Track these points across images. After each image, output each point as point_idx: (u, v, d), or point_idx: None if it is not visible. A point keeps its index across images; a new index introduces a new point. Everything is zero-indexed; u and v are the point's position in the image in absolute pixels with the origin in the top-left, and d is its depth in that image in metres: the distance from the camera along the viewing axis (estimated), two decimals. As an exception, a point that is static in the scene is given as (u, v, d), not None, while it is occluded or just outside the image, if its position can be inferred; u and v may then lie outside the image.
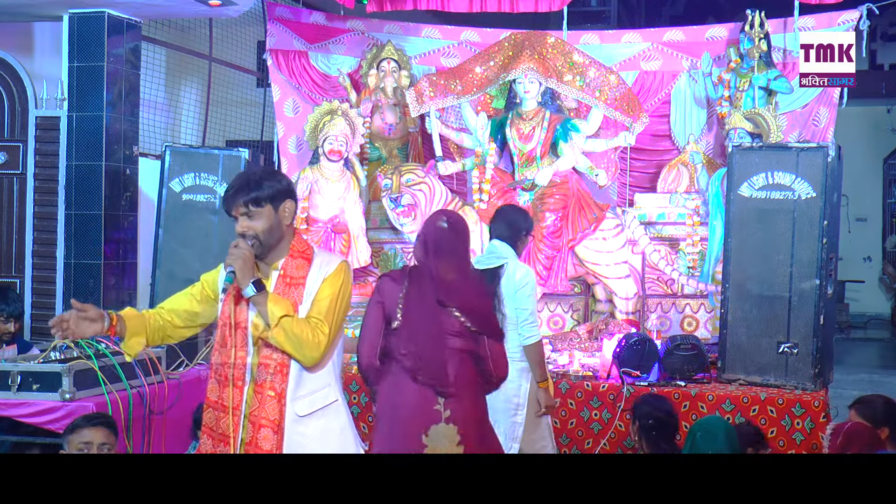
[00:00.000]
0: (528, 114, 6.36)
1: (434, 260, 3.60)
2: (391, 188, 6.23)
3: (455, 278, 3.61)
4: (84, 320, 2.89)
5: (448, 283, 3.59)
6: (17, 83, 6.50)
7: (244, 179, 2.95)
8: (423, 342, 3.53)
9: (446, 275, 3.59)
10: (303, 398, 2.95)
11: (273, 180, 2.96)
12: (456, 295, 3.58)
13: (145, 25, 6.71)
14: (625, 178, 7.06)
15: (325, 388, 3.00)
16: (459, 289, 3.61)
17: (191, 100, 7.85)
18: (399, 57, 7.00)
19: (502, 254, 4.40)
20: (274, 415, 2.93)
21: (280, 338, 2.87)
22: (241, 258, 2.87)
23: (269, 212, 2.93)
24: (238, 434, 2.96)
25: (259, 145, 8.27)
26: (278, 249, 2.99)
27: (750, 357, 5.27)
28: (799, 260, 5.18)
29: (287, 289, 2.95)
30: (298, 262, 2.98)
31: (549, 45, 6.40)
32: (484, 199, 6.32)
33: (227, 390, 2.97)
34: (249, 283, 2.85)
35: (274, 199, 2.93)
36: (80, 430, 3.58)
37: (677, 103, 7.03)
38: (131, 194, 6.47)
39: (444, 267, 3.60)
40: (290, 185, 3.02)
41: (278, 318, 2.85)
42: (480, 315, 3.62)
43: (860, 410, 3.98)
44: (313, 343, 2.88)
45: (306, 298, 2.95)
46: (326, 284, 2.96)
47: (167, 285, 5.98)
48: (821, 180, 5.18)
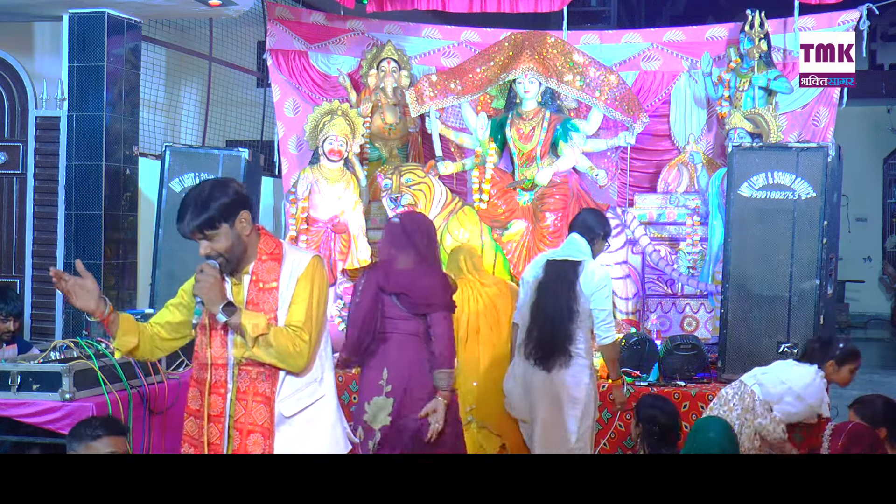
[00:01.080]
0: (528, 114, 6.36)
1: (386, 251, 4.11)
2: (391, 188, 6.23)
3: (404, 268, 3.99)
4: (80, 288, 2.84)
5: (394, 272, 3.98)
6: (17, 83, 6.49)
7: (191, 203, 2.81)
8: (360, 324, 3.98)
9: (397, 265, 4.01)
10: (289, 398, 2.92)
11: (220, 196, 2.82)
12: (395, 282, 3.96)
13: (145, 25, 6.71)
14: (625, 178, 7.06)
15: (312, 385, 2.96)
16: (403, 277, 3.97)
17: (191, 100, 7.85)
18: (399, 57, 7.00)
19: (581, 249, 4.44)
20: (262, 419, 2.89)
21: (261, 354, 2.83)
22: (207, 286, 2.83)
23: (225, 230, 2.83)
24: (224, 441, 2.93)
25: (259, 145, 8.27)
26: (246, 256, 2.92)
27: (750, 357, 5.26)
28: (799, 260, 5.19)
29: (260, 294, 2.90)
30: (268, 265, 2.91)
31: (549, 45, 6.40)
32: (484, 199, 6.32)
33: (208, 398, 2.94)
34: (219, 308, 2.81)
35: (226, 216, 2.81)
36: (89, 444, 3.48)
37: (677, 103, 7.04)
38: (131, 194, 6.47)
39: (400, 258, 4.03)
40: (238, 195, 2.86)
41: (255, 337, 2.80)
42: (418, 300, 3.94)
43: (859, 410, 3.98)
44: (295, 353, 2.85)
45: (282, 304, 2.89)
46: (300, 286, 2.89)
47: (167, 285, 5.98)
48: (821, 180, 5.18)
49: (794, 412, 4.33)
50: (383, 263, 4.11)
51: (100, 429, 3.39)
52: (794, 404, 4.31)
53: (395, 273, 4.00)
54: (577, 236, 4.50)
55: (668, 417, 4.11)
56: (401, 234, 4.08)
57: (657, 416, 4.06)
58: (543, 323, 4.34)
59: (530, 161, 6.36)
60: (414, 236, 4.07)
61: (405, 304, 3.96)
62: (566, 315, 4.30)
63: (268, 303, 2.88)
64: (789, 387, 4.31)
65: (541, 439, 4.34)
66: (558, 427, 4.28)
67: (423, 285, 3.98)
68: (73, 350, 4.33)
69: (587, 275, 4.36)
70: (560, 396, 4.29)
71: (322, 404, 2.99)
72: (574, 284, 4.33)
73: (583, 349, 4.36)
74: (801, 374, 4.37)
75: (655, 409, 4.11)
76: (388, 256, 4.09)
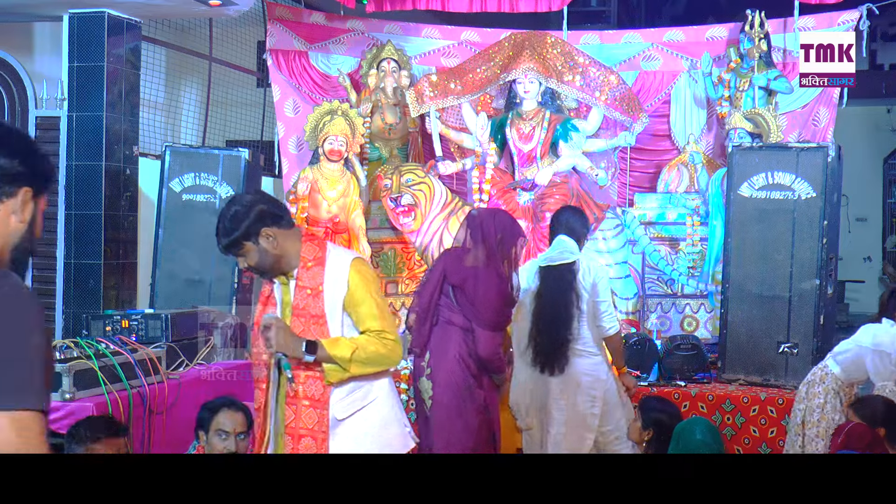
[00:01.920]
0: (528, 114, 6.35)
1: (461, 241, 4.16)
2: (391, 188, 6.23)
3: (471, 264, 4.05)
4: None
5: (461, 264, 4.07)
6: (17, 83, 6.49)
7: (220, 226, 2.96)
8: (424, 309, 4.10)
9: (466, 257, 4.08)
10: (342, 400, 2.96)
11: (242, 219, 2.92)
12: (457, 275, 4.04)
13: (145, 25, 6.71)
14: (625, 178, 7.06)
15: (365, 387, 3.01)
16: (466, 272, 4.03)
17: (191, 100, 7.85)
18: (399, 57, 6.99)
19: (571, 249, 4.43)
20: (313, 422, 2.95)
21: (360, 372, 2.94)
22: (281, 340, 2.90)
23: (250, 247, 2.95)
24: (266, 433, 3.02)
25: (259, 145, 8.27)
26: (287, 262, 3.00)
27: (750, 357, 5.27)
28: (799, 260, 5.19)
29: (306, 298, 2.97)
30: (313, 270, 2.99)
31: (549, 45, 6.40)
32: (484, 199, 6.32)
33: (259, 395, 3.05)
34: (302, 351, 2.90)
35: (249, 236, 2.93)
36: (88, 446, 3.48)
37: (677, 103, 7.03)
38: (131, 194, 6.46)
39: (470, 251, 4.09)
40: (260, 215, 2.94)
41: (348, 358, 2.90)
42: (467, 298, 4.01)
43: (859, 410, 3.97)
44: (389, 353, 2.96)
45: (330, 308, 2.96)
46: (356, 293, 2.96)
47: (167, 285, 5.99)
48: (821, 180, 5.18)
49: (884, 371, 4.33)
50: (455, 251, 4.20)
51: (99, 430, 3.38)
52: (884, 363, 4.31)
53: (462, 266, 4.07)
54: (564, 238, 4.47)
55: (675, 418, 4.11)
56: (476, 229, 4.12)
57: (664, 420, 4.05)
58: (545, 330, 4.32)
59: (530, 161, 6.36)
60: (488, 233, 4.09)
61: (456, 297, 4.05)
62: (567, 319, 4.29)
63: (316, 306, 2.96)
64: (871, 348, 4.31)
65: (558, 443, 4.30)
66: (577, 428, 4.27)
67: (478, 285, 4.02)
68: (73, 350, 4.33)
69: (584, 271, 4.35)
70: (575, 399, 4.27)
71: (376, 406, 3.03)
72: (572, 286, 4.31)
73: (594, 346, 4.37)
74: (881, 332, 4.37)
75: (662, 414, 4.10)
76: (461, 246, 4.17)
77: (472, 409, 4.03)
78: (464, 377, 4.02)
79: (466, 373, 4.02)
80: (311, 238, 3.06)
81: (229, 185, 6.03)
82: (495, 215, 4.33)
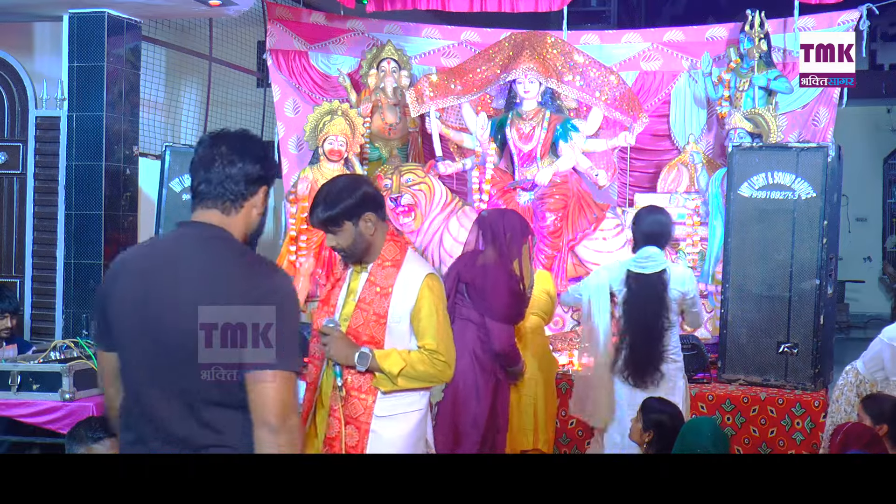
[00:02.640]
0: (528, 114, 6.35)
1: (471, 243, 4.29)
2: (391, 188, 6.23)
3: (481, 263, 4.17)
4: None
5: (472, 263, 4.19)
6: (17, 83, 6.49)
7: (322, 198, 2.96)
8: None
9: (477, 257, 4.20)
10: (387, 397, 2.99)
11: (347, 197, 2.93)
12: (469, 273, 4.16)
13: (145, 25, 6.71)
14: (625, 178, 7.06)
15: (414, 395, 3.05)
16: (476, 270, 4.15)
17: (191, 100, 7.85)
18: (399, 57, 6.99)
19: (661, 260, 4.43)
20: (358, 412, 2.99)
21: (407, 385, 2.97)
22: (336, 348, 2.95)
23: (348, 228, 2.95)
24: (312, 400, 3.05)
25: (259, 145, 8.26)
26: (373, 252, 3.03)
27: (750, 357, 5.27)
28: (799, 260, 5.18)
29: (374, 295, 3.00)
30: (387, 271, 3.02)
31: (549, 45, 6.40)
32: (484, 199, 6.32)
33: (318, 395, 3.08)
34: (355, 359, 2.94)
35: (350, 215, 2.93)
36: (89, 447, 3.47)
37: (677, 103, 7.03)
38: (131, 194, 6.46)
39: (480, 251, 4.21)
40: (367, 197, 2.97)
41: (396, 374, 2.93)
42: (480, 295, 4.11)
43: (867, 406, 3.98)
44: (437, 373, 3.01)
45: (392, 309, 2.99)
46: (424, 307, 2.99)
47: (167, 285, 5.98)
48: (821, 180, 5.18)
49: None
50: (467, 254, 4.32)
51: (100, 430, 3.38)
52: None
53: (474, 265, 4.20)
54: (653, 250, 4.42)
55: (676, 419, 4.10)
56: (486, 229, 4.26)
57: (666, 422, 4.05)
58: (636, 341, 4.36)
59: (530, 161, 6.36)
60: (497, 233, 4.22)
61: (469, 294, 4.16)
62: (661, 334, 4.36)
63: (381, 305, 2.99)
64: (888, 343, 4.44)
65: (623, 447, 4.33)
66: None
67: (489, 281, 4.13)
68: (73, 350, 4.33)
69: (676, 278, 4.40)
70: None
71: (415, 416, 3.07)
72: (665, 297, 4.35)
73: (679, 352, 4.45)
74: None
75: (663, 415, 4.09)
76: (471, 248, 4.30)
77: (481, 405, 4.10)
78: (475, 373, 4.11)
79: (479, 369, 4.11)
80: (395, 239, 3.09)
81: (229, 185, 6.03)
82: (504, 215, 4.45)
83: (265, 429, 2.06)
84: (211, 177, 2.18)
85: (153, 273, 2.14)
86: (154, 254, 2.24)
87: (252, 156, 2.15)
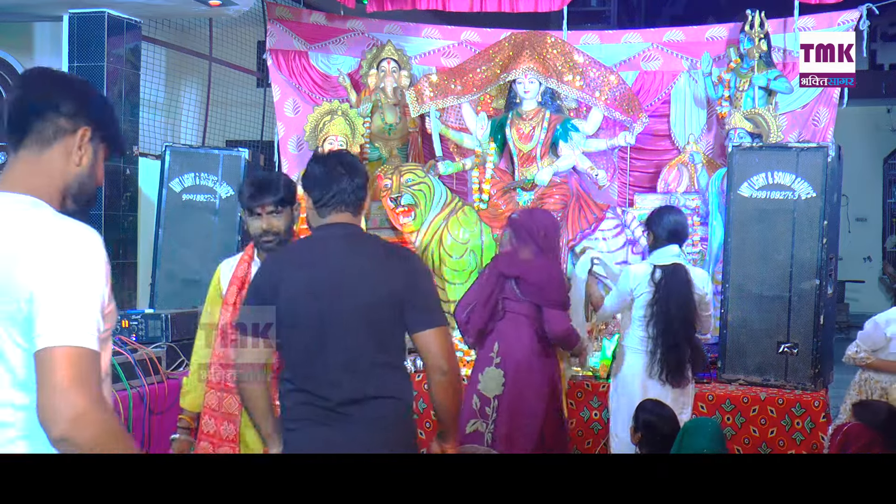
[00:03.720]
0: (528, 114, 6.35)
1: (508, 244, 4.54)
2: (391, 188, 6.23)
3: (524, 258, 4.39)
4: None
5: (514, 260, 4.41)
6: (17, 83, 6.50)
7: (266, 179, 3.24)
8: (483, 307, 4.43)
9: (518, 255, 4.42)
10: None
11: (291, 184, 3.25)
12: (514, 268, 4.39)
13: (145, 25, 6.71)
14: (625, 178, 7.06)
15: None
16: (522, 264, 4.38)
17: (191, 100, 7.85)
18: (399, 57, 6.99)
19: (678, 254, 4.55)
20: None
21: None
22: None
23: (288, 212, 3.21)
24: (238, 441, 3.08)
25: (259, 145, 8.27)
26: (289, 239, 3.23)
27: (750, 357, 5.27)
28: (799, 260, 5.18)
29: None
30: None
31: (549, 45, 6.40)
32: (484, 199, 6.32)
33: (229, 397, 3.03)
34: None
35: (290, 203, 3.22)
36: None
37: (677, 103, 7.03)
38: (131, 194, 6.46)
39: (520, 250, 4.43)
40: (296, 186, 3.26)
41: None
42: (533, 286, 4.35)
43: (860, 413, 3.96)
44: None
45: None
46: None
47: (167, 285, 5.99)
48: (821, 180, 5.18)
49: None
50: (505, 253, 4.56)
51: None
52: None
53: (518, 261, 4.43)
54: (675, 248, 4.53)
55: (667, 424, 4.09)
56: (520, 229, 4.50)
57: (656, 423, 4.04)
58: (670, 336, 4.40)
59: (530, 161, 6.36)
60: (532, 231, 4.47)
61: (521, 288, 4.38)
62: (692, 321, 4.44)
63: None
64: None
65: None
66: None
67: (539, 272, 4.38)
68: (73, 350, 4.32)
69: (697, 277, 4.51)
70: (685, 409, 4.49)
71: None
72: (692, 288, 4.43)
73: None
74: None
75: (654, 416, 4.09)
76: (509, 248, 4.53)
77: (538, 396, 4.34)
78: (533, 366, 4.35)
79: (537, 362, 4.37)
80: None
81: (229, 186, 6.03)
82: (532, 214, 4.83)
83: (438, 372, 2.59)
84: (343, 188, 2.69)
85: (320, 263, 2.63)
86: (313, 248, 2.71)
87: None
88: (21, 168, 1.85)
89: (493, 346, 4.43)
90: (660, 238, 4.54)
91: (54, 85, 1.91)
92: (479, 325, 4.46)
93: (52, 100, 1.87)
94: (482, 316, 4.44)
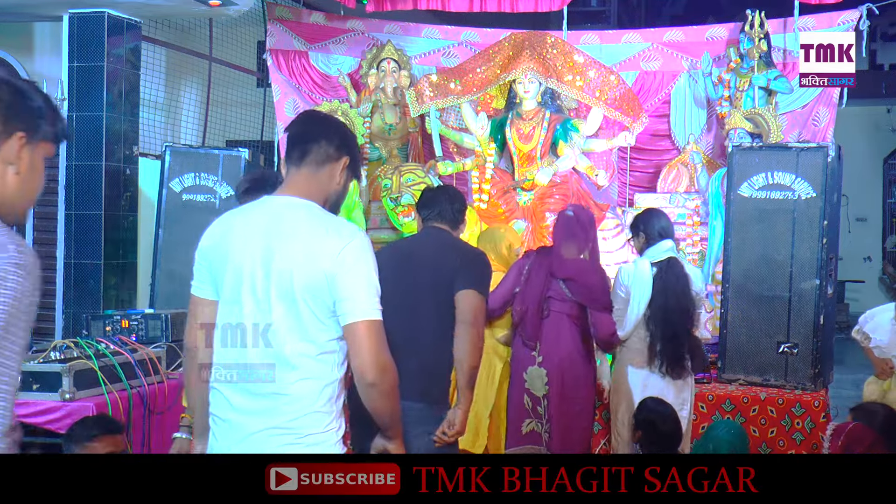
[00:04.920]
0: (528, 114, 6.35)
1: (558, 240, 4.46)
2: (391, 188, 6.23)
3: (571, 258, 4.38)
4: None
5: (563, 260, 4.38)
6: (17, 83, 6.48)
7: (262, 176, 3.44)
8: (528, 304, 4.39)
9: (567, 253, 4.39)
10: None
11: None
12: (565, 269, 4.36)
13: (145, 25, 6.70)
14: (625, 178, 7.06)
15: None
16: (571, 265, 4.37)
17: (191, 100, 7.85)
18: (399, 57, 6.99)
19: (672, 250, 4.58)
20: None
21: None
22: None
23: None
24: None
25: (259, 145, 8.27)
26: None
27: (750, 357, 5.26)
28: (799, 260, 5.18)
29: None
30: None
31: (549, 45, 6.40)
32: (484, 199, 6.32)
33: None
34: None
35: None
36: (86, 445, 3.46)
37: (677, 103, 7.03)
38: (131, 194, 6.46)
39: (566, 247, 4.39)
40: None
41: None
42: (584, 288, 4.36)
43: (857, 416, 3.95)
44: None
45: None
46: None
47: (167, 285, 5.98)
48: (821, 180, 5.18)
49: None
50: (555, 250, 4.47)
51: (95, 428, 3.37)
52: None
53: (564, 261, 4.38)
54: (669, 243, 4.57)
55: (667, 422, 4.09)
56: (575, 225, 4.44)
57: (656, 421, 4.04)
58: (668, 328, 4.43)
59: (530, 161, 6.36)
60: (586, 228, 4.46)
61: (570, 289, 4.37)
62: (690, 314, 4.50)
63: None
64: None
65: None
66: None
67: (589, 276, 4.39)
68: (73, 350, 4.33)
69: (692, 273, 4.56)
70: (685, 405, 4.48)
71: None
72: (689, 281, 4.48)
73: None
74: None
75: (654, 413, 4.09)
76: (558, 245, 4.45)
77: (584, 395, 4.41)
78: (577, 365, 4.39)
79: (581, 361, 4.40)
80: None
81: (229, 185, 6.02)
82: (585, 212, 4.74)
83: (464, 325, 3.28)
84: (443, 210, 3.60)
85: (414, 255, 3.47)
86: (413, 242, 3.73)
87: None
88: (301, 180, 2.46)
89: (534, 345, 4.41)
90: (652, 236, 4.57)
91: (328, 125, 2.54)
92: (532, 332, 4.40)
93: (326, 135, 2.48)
94: (534, 323, 4.39)
